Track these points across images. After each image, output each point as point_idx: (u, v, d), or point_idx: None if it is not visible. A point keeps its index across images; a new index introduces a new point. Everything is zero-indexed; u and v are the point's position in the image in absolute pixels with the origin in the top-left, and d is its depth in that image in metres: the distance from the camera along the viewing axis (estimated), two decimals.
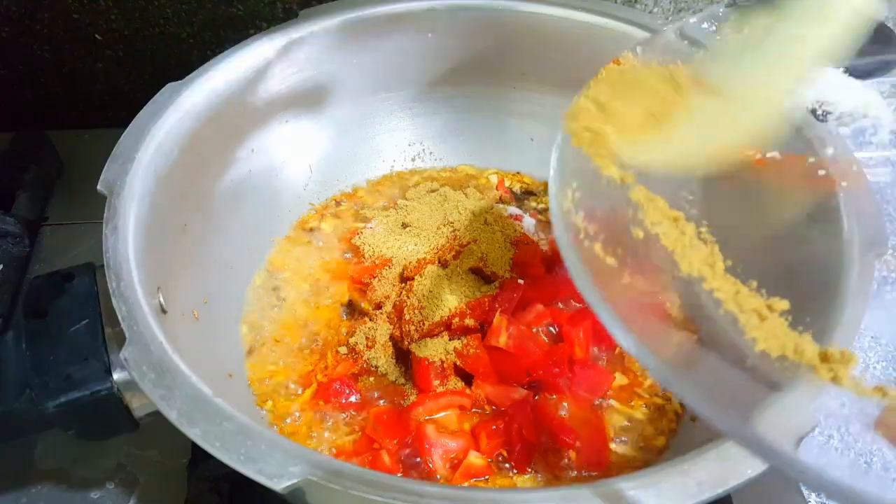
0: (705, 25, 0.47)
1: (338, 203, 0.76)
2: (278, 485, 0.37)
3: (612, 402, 0.59)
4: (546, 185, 0.78)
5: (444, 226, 0.70)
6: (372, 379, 0.61)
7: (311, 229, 0.73)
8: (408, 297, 0.62)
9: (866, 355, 0.55)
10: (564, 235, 0.38)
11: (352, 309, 0.66)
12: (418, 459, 0.55)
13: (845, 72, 0.44)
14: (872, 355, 0.55)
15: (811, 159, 0.48)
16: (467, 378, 0.59)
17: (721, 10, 0.47)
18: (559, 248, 0.38)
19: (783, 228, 0.48)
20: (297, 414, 0.58)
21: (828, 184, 0.47)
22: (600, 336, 0.61)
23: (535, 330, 0.61)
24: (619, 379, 0.60)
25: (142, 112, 0.57)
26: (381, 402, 0.59)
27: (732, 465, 0.39)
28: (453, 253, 0.66)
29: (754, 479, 0.38)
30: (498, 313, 0.60)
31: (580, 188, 0.40)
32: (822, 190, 0.48)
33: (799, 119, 0.48)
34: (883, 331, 0.53)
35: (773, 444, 0.30)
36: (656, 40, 0.49)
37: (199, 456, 0.57)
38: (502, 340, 0.58)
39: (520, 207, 0.74)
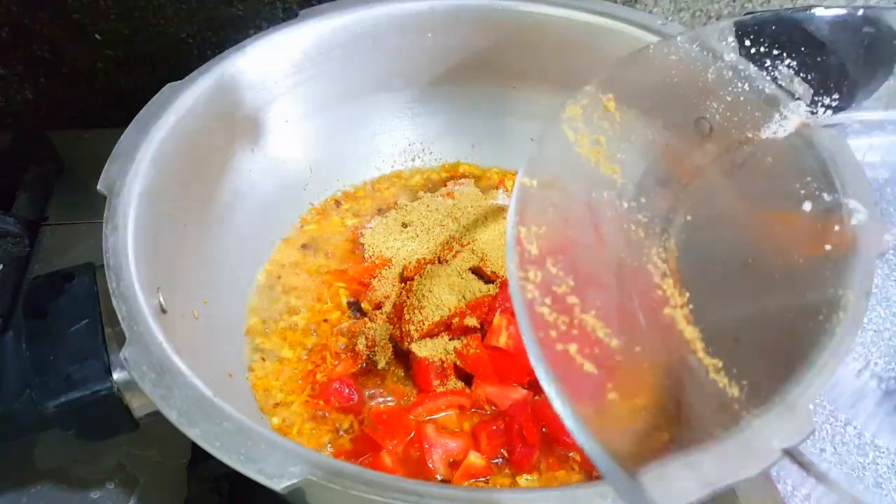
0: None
1: (338, 203, 0.76)
2: (278, 485, 0.37)
3: None
4: None
5: (444, 226, 0.70)
6: (372, 379, 0.61)
7: (312, 229, 0.73)
8: (408, 297, 0.62)
9: (868, 350, 0.54)
10: (531, 337, 0.31)
11: (352, 309, 0.66)
12: (418, 459, 0.55)
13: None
14: (875, 350, 0.55)
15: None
16: (467, 378, 0.59)
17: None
18: (528, 353, 0.31)
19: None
20: (297, 414, 0.58)
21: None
22: None
23: None
24: None
25: (142, 112, 0.57)
26: (382, 402, 0.59)
27: (732, 465, 0.38)
28: (453, 253, 0.66)
29: (754, 478, 0.38)
30: (498, 313, 0.59)
31: (541, 271, 0.33)
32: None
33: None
34: (885, 326, 0.53)
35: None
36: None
37: (199, 456, 0.57)
38: (502, 340, 0.58)
39: None
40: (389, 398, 0.60)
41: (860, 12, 0.46)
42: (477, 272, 0.65)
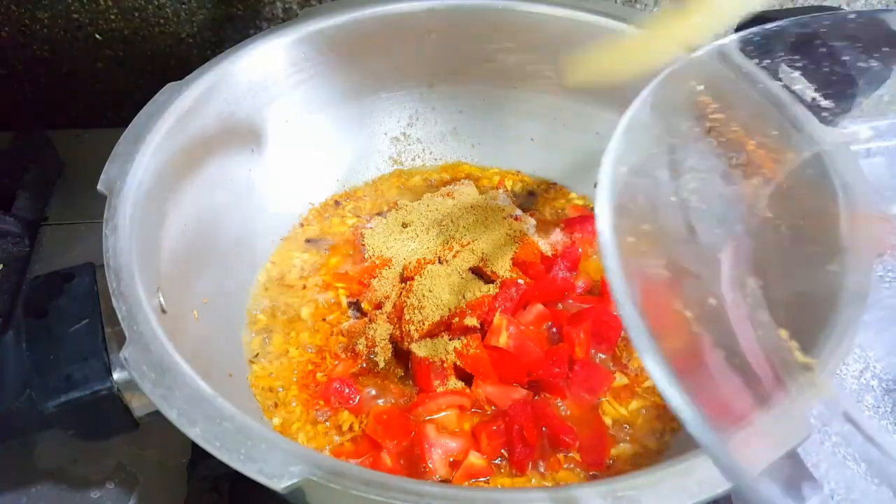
0: None
1: (337, 203, 0.76)
2: (278, 484, 0.37)
3: (612, 401, 0.59)
4: (547, 185, 0.78)
5: (445, 225, 0.70)
6: (372, 379, 0.61)
7: (311, 229, 0.73)
8: (408, 297, 0.62)
9: (867, 354, 0.55)
10: (625, 293, 0.32)
11: (352, 309, 0.66)
12: (418, 459, 0.55)
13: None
14: (872, 354, 0.55)
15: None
16: (467, 378, 0.59)
17: None
18: (621, 315, 0.32)
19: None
20: (297, 414, 0.58)
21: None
22: (600, 336, 0.61)
23: (534, 330, 0.61)
24: (619, 379, 0.60)
25: (142, 112, 0.57)
26: (382, 402, 0.59)
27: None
28: (453, 253, 0.66)
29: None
30: (498, 313, 0.59)
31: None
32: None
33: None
34: (885, 326, 0.53)
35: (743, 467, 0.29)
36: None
37: (199, 456, 0.57)
38: (502, 340, 0.58)
39: (520, 207, 0.74)
40: (389, 398, 0.60)
41: (860, 12, 0.47)
42: (477, 272, 0.65)
